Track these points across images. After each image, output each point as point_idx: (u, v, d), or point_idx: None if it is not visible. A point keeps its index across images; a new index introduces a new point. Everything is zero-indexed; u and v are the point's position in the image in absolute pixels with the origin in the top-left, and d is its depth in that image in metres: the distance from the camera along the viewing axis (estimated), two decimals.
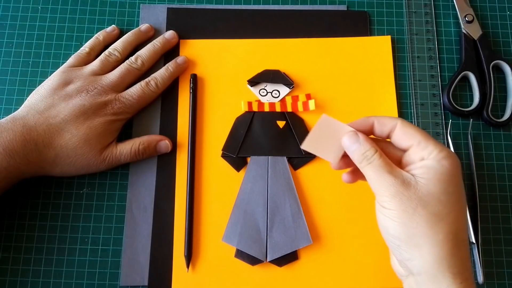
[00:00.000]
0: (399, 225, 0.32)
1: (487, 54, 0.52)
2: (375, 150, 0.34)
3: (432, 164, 0.33)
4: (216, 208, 0.48)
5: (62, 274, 0.46)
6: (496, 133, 0.51)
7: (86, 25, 0.54)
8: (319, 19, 0.54)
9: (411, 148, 0.34)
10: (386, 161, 0.34)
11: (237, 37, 0.53)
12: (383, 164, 0.34)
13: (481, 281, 0.46)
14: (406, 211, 0.32)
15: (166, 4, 0.55)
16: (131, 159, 0.47)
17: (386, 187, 0.33)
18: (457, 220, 0.32)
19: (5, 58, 0.53)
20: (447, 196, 0.32)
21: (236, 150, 0.49)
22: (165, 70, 0.50)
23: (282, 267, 0.46)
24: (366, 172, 0.35)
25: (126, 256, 0.46)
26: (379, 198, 0.34)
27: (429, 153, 0.33)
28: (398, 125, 0.35)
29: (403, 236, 0.32)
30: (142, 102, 0.48)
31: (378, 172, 0.34)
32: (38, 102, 0.45)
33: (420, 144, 0.34)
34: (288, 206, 0.47)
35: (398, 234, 0.33)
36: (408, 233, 0.32)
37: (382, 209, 0.34)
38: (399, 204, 0.32)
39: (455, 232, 0.32)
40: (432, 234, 0.32)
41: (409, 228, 0.32)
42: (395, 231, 0.33)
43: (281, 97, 0.51)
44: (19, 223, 0.47)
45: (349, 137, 0.35)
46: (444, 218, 0.32)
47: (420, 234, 0.32)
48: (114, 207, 0.48)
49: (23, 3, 0.55)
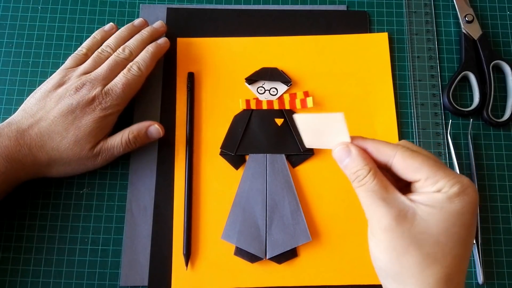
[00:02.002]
0: (387, 260, 0.29)
1: (487, 54, 0.52)
2: (368, 170, 0.30)
3: (442, 199, 0.28)
4: (215, 206, 0.48)
5: (62, 274, 0.46)
6: (496, 133, 0.51)
7: (86, 25, 0.54)
8: (319, 19, 0.54)
9: (418, 183, 0.30)
10: (382, 183, 0.30)
11: (237, 37, 0.53)
12: (377, 188, 0.30)
13: (481, 281, 0.46)
14: (395, 249, 0.28)
15: (166, 4, 0.55)
16: (124, 150, 0.46)
17: (378, 217, 0.29)
18: (454, 264, 0.28)
19: (5, 58, 0.53)
20: (447, 237, 0.28)
21: (235, 148, 0.49)
22: (145, 52, 0.48)
23: (281, 264, 0.46)
24: (357, 193, 0.31)
25: (126, 256, 0.46)
26: (370, 225, 0.30)
27: (438, 189, 0.29)
28: (397, 155, 0.30)
29: (390, 272, 0.29)
30: (128, 90, 0.46)
31: (370, 198, 0.30)
32: (32, 106, 0.45)
33: (427, 180, 0.29)
34: (287, 204, 0.47)
35: (385, 268, 0.30)
36: (395, 270, 0.29)
37: (372, 237, 0.30)
38: (389, 240, 0.29)
39: (449, 277, 0.28)
40: (422, 278, 0.28)
41: (397, 266, 0.29)
42: (382, 264, 0.30)
43: (279, 94, 0.51)
44: (19, 223, 0.47)
45: (339, 150, 0.32)
46: (438, 261, 0.28)
47: (408, 275, 0.28)
48: (114, 207, 0.48)
49: (23, 3, 0.55)
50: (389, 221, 0.28)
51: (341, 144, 0.32)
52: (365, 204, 0.30)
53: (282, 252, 0.46)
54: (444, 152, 0.50)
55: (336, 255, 0.47)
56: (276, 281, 0.46)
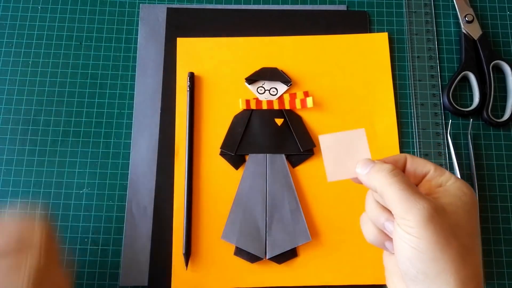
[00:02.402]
0: (428, 259, 0.27)
1: (487, 54, 0.52)
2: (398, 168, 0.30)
3: (455, 191, 0.29)
4: (215, 206, 0.48)
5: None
6: (496, 133, 0.51)
7: (86, 25, 0.54)
8: (319, 19, 0.54)
9: (428, 175, 0.31)
10: (411, 182, 0.30)
11: (237, 37, 0.53)
12: (410, 183, 0.29)
13: None
14: (439, 242, 0.27)
15: (166, 4, 0.55)
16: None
17: (418, 210, 0.27)
18: (480, 253, 0.30)
19: (5, 58, 0.53)
20: (471, 228, 0.29)
21: (235, 148, 0.49)
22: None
23: (281, 264, 0.46)
24: (388, 191, 0.29)
25: (126, 256, 0.46)
26: (404, 223, 0.28)
27: (447, 179, 0.30)
28: (408, 157, 0.32)
29: (431, 272, 0.27)
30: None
31: (407, 191, 0.28)
32: None
33: (436, 170, 0.31)
34: (287, 204, 0.47)
35: (426, 269, 0.27)
36: (438, 268, 0.27)
37: (408, 237, 0.28)
38: (432, 234, 0.27)
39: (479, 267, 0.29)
40: (462, 270, 0.27)
41: (440, 262, 0.27)
42: (422, 265, 0.27)
43: (279, 94, 0.51)
44: None
45: (362, 164, 0.32)
46: (471, 252, 0.28)
47: (451, 271, 0.27)
48: (114, 207, 0.48)
49: (23, 3, 0.55)
50: (432, 213, 0.27)
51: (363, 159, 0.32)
52: (401, 199, 0.28)
53: (282, 252, 0.46)
54: (444, 152, 0.50)
55: (336, 255, 0.47)
56: (276, 281, 0.46)
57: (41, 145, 0.50)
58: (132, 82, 0.52)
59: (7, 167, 0.49)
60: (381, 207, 0.31)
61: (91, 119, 0.51)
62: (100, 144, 0.50)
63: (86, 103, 0.51)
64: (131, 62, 0.53)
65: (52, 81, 0.52)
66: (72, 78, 0.52)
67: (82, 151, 0.50)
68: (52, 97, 0.51)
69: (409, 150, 0.50)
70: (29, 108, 0.51)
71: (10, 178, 0.49)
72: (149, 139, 0.50)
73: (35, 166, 0.49)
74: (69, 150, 0.50)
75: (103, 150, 0.50)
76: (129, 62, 0.53)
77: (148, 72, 0.52)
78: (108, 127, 0.51)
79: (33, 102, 0.51)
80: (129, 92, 0.52)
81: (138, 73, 0.52)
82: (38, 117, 0.51)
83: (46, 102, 0.51)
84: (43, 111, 0.51)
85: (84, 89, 0.52)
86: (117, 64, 0.53)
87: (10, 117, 0.51)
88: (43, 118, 0.51)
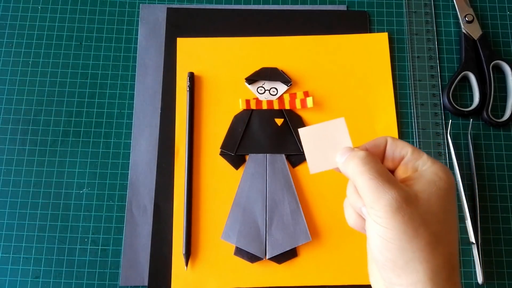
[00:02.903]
0: (396, 248, 0.28)
1: (487, 54, 0.52)
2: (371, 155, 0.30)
3: (430, 176, 0.29)
4: (215, 206, 0.48)
5: (62, 274, 0.46)
6: (496, 133, 0.51)
7: (86, 25, 0.54)
8: (319, 19, 0.54)
9: (405, 158, 0.31)
10: (385, 169, 0.30)
11: (237, 37, 0.53)
12: (382, 170, 0.29)
13: (481, 281, 0.46)
14: (406, 232, 0.27)
15: (166, 4, 0.55)
16: None
17: (387, 200, 0.28)
18: (454, 241, 0.29)
19: (5, 58, 0.53)
20: (445, 214, 0.29)
21: (235, 148, 0.49)
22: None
23: (281, 264, 0.46)
24: (360, 179, 0.29)
25: (126, 256, 0.46)
26: (373, 212, 0.28)
27: (423, 162, 0.30)
28: (389, 139, 0.32)
29: (399, 261, 0.28)
30: None
31: (377, 180, 0.28)
32: None
33: (413, 153, 0.30)
34: (287, 204, 0.47)
35: (394, 258, 0.28)
36: (405, 258, 0.27)
37: (376, 226, 0.28)
38: (399, 224, 0.27)
39: (453, 255, 0.28)
40: (432, 259, 0.27)
41: (407, 252, 0.27)
42: (390, 254, 0.28)
43: (279, 94, 0.51)
44: (19, 223, 0.47)
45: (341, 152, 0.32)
46: (443, 240, 0.28)
47: (420, 260, 0.27)
48: (114, 207, 0.48)
49: (23, 3, 0.55)
50: (400, 203, 0.27)
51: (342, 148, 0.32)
52: (370, 188, 0.28)
53: (282, 252, 0.46)
54: (444, 152, 0.50)
55: (336, 255, 0.47)
56: (276, 281, 0.46)
57: (41, 145, 0.50)
58: (132, 82, 0.52)
59: (7, 167, 0.49)
60: (358, 193, 0.31)
61: (91, 119, 0.51)
62: (100, 144, 0.50)
63: (86, 103, 0.51)
64: (131, 62, 0.53)
65: (52, 81, 0.52)
66: (72, 78, 0.52)
67: (82, 151, 0.50)
68: (52, 97, 0.51)
69: None
70: (29, 108, 0.51)
71: (10, 178, 0.49)
72: (149, 139, 0.50)
73: (35, 166, 0.49)
74: (69, 150, 0.50)
75: (103, 150, 0.50)
76: (129, 62, 0.53)
77: (148, 72, 0.52)
78: (108, 127, 0.51)
79: (33, 102, 0.51)
80: (129, 92, 0.52)
81: (138, 73, 0.52)
82: (38, 117, 0.51)
83: (46, 102, 0.51)
84: (43, 111, 0.51)
85: (84, 89, 0.52)
86: (117, 64, 0.53)
87: (10, 117, 0.51)
88: (43, 118, 0.51)
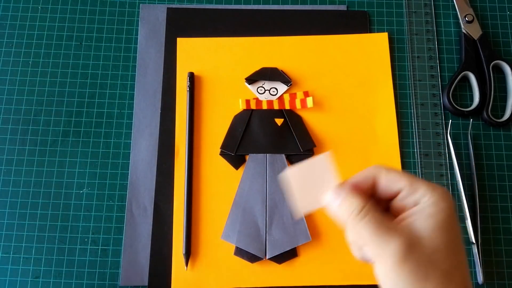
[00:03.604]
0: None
1: (487, 54, 0.52)
2: (366, 201, 0.28)
3: (431, 210, 0.27)
4: (215, 206, 0.48)
5: (62, 274, 0.46)
6: (496, 133, 0.51)
7: (86, 25, 0.54)
8: (319, 19, 0.54)
9: (402, 193, 0.29)
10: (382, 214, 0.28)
11: (237, 37, 0.53)
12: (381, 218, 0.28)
13: (481, 281, 0.46)
14: (417, 280, 0.26)
15: (166, 4, 0.55)
16: None
17: (391, 251, 0.26)
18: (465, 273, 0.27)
19: (5, 58, 0.53)
20: (451, 245, 0.27)
21: (235, 148, 0.49)
22: None
23: (281, 264, 0.46)
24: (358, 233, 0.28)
25: (126, 256, 0.46)
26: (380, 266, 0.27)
27: (422, 195, 0.28)
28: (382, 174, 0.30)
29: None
30: None
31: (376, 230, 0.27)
32: None
33: (410, 187, 0.28)
34: (287, 204, 0.47)
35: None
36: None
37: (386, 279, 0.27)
38: (408, 273, 0.26)
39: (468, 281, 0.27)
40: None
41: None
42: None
43: (279, 94, 0.51)
44: (19, 223, 0.47)
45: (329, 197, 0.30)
46: (454, 275, 0.27)
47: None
48: (114, 207, 0.48)
49: (23, 3, 0.55)
50: (404, 251, 0.26)
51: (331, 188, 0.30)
52: (369, 241, 0.27)
53: (282, 252, 0.46)
54: (444, 152, 0.50)
55: (336, 255, 0.47)
56: (276, 281, 0.46)
57: (41, 145, 0.50)
58: (132, 82, 0.52)
59: (7, 167, 0.49)
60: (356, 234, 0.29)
61: (91, 119, 0.51)
62: (100, 144, 0.50)
63: (86, 103, 0.51)
64: (131, 62, 0.53)
65: (52, 81, 0.52)
66: (72, 78, 0.52)
67: (82, 151, 0.50)
68: (52, 97, 0.51)
69: (409, 150, 0.50)
70: (29, 108, 0.51)
71: (10, 178, 0.49)
72: (149, 139, 0.50)
73: (35, 166, 0.49)
74: (69, 150, 0.50)
75: (103, 150, 0.50)
76: (129, 62, 0.53)
77: (148, 72, 0.52)
78: (108, 127, 0.51)
79: (33, 102, 0.51)
80: (129, 92, 0.52)
81: (138, 73, 0.52)
82: (38, 117, 0.51)
83: (46, 102, 0.51)
84: (43, 111, 0.51)
85: (84, 89, 0.52)
86: (117, 64, 0.53)
87: (10, 117, 0.51)
88: (43, 118, 0.51)
